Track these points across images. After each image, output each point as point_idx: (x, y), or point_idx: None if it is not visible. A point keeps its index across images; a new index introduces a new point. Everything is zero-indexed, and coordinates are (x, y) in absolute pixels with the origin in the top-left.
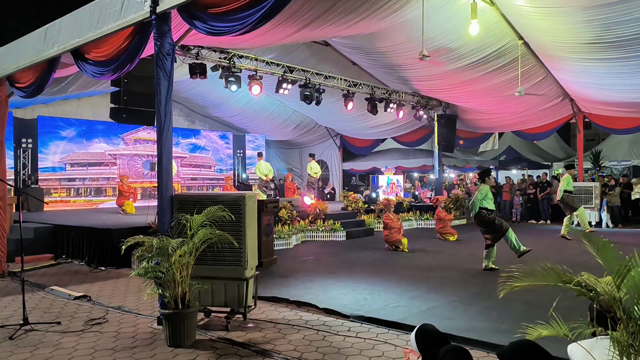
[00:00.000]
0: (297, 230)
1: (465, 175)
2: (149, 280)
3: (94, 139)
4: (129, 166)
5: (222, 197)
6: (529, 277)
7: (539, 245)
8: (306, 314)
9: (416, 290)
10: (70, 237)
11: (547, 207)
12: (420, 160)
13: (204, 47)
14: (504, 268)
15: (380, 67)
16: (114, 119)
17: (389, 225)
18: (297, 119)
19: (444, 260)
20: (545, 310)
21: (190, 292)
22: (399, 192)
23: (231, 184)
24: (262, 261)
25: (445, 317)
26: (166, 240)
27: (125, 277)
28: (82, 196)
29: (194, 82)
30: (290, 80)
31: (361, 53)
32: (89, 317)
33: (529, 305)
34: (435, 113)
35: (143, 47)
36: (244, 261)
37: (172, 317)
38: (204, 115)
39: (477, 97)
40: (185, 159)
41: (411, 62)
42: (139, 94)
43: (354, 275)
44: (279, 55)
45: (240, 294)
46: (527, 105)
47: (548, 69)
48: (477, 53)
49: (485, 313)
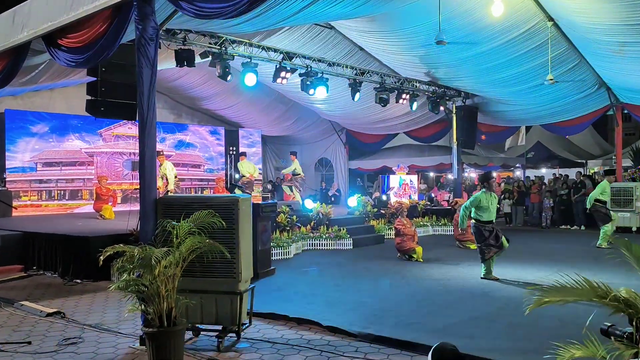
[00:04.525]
0: (298, 237)
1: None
2: (131, 295)
3: (68, 135)
4: (108, 165)
5: (212, 200)
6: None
7: (571, 254)
8: (308, 332)
9: (432, 305)
10: (42, 245)
11: (581, 211)
12: (437, 158)
13: (191, 31)
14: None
15: (391, 52)
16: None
17: (402, 231)
18: (297, 112)
19: (464, 270)
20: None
21: (177, 308)
22: (412, 194)
23: (223, 185)
24: (258, 272)
25: (465, 336)
26: (149, 250)
27: (104, 291)
28: (55, 200)
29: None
30: (290, 68)
31: (370, 36)
32: (63, 336)
33: (560, 321)
34: (453, 104)
35: (123, 32)
36: (237, 273)
37: (156, 336)
38: (191, 107)
39: (501, 85)
40: (171, 157)
41: (426, 47)
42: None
43: (361, 289)
44: (277, 40)
45: (234, 310)
46: (558, 95)
47: (582, 53)
48: (501, 36)
49: (510, 331)
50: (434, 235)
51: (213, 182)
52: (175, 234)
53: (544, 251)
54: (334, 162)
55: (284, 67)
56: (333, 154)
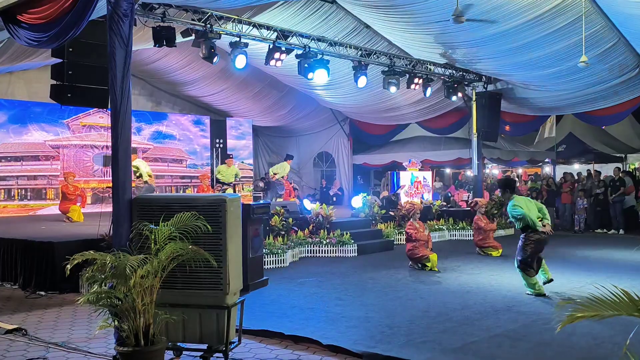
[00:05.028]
0: (294, 243)
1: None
2: (102, 309)
3: (30, 125)
4: (76, 160)
5: (196, 200)
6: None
7: (608, 262)
8: (305, 352)
9: (448, 321)
10: (0, 252)
11: (619, 213)
12: (454, 152)
13: (172, 6)
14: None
15: (402, 30)
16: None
17: (414, 236)
18: (294, 98)
19: (484, 282)
20: (616, 346)
21: (156, 324)
22: (426, 193)
23: (208, 183)
24: (249, 284)
25: (486, 356)
26: (124, 257)
27: (71, 305)
28: (15, 199)
29: (159, 52)
30: (285, 49)
31: (378, 12)
32: (25, 356)
33: (595, 340)
34: (473, 90)
35: (93, 6)
36: (224, 284)
37: (131, 356)
38: (172, 94)
39: (528, 68)
40: (149, 151)
41: (443, 24)
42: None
43: (367, 302)
44: (270, 16)
45: (220, 327)
46: (593, 79)
47: (620, 31)
48: (529, 11)
49: (538, 350)
50: (450, 241)
51: (197, 179)
52: (153, 239)
53: (576, 259)
54: (336, 156)
55: (278, 47)
56: (335, 148)
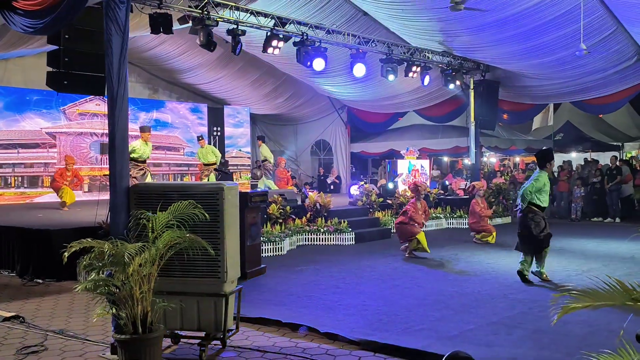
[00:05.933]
0: (292, 231)
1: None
2: (100, 297)
3: (26, 113)
4: (73, 148)
5: (193, 189)
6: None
7: (604, 250)
8: (303, 340)
9: (445, 308)
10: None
11: (616, 201)
12: (452, 140)
13: None
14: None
15: (400, 17)
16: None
17: (410, 214)
18: (291, 86)
19: (481, 269)
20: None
21: (153, 312)
22: (424, 181)
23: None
24: (247, 272)
25: (482, 344)
26: (121, 245)
27: (69, 293)
28: (11, 187)
29: (156, 39)
30: (282, 36)
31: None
32: (23, 343)
33: (591, 327)
34: (471, 79)
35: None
36: (222, 272)
37: (129, 343)
38: (169, 82)
39: (526, 56)
40: None
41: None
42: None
43: (364, 290)
44: (267, 3)
45: (218, 315)
46: (591, 67)
47: (619, 19)
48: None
49: (535, 338)
50: (447, 229)
51: (194, 167)
52: (151, 227)
53: (572, 247)
54: (334, 144)
55: (275, 35)
56: (332, 136)
